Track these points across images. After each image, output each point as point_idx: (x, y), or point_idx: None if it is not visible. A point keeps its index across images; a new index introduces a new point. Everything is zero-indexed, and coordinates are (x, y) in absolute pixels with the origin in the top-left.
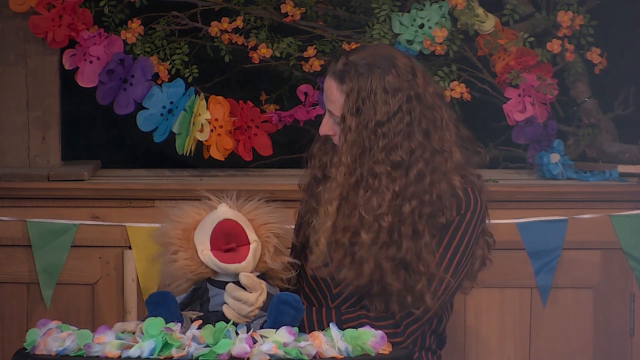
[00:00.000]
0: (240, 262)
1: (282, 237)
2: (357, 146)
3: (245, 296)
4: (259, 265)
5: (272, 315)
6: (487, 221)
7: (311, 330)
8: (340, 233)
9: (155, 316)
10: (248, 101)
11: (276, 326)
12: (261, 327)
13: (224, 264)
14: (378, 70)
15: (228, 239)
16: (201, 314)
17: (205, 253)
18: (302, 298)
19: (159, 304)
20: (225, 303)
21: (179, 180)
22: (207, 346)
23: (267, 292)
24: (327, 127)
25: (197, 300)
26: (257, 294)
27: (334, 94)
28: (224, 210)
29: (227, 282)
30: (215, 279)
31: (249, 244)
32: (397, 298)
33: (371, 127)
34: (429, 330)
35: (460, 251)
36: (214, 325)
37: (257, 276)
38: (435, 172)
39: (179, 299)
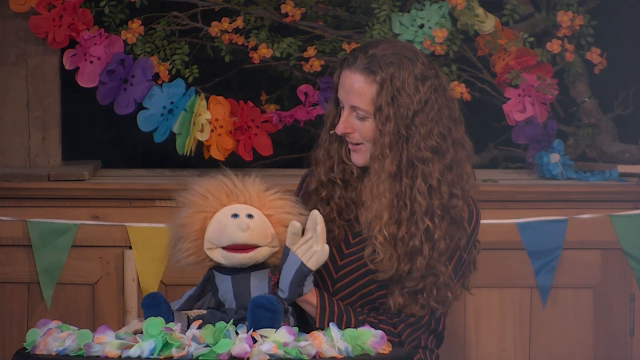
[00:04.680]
0: (248, 253)
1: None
2: (395, 135)
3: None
4: (270, 260)
5: (250, 320)
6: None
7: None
8: (394, 225)
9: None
10: (248, 101)
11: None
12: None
13: (231, 253)
14: (406, 59)
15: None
16: (200, 312)
17: (212, 250)
18: None
19: (149, 306)
20: None
21: (179, 180)
22: (207, 346)
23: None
24: (346, 124)
25: (210, 291)
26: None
27: (362, 87)
28: (242, 236)
29: (233, 268)
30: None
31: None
32: (427, 291)
33: (409, 115)
34: (427, 329)
35: (463, 253)
36: (221, 316)
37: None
38: (459, 162)
39: (190, 292)
